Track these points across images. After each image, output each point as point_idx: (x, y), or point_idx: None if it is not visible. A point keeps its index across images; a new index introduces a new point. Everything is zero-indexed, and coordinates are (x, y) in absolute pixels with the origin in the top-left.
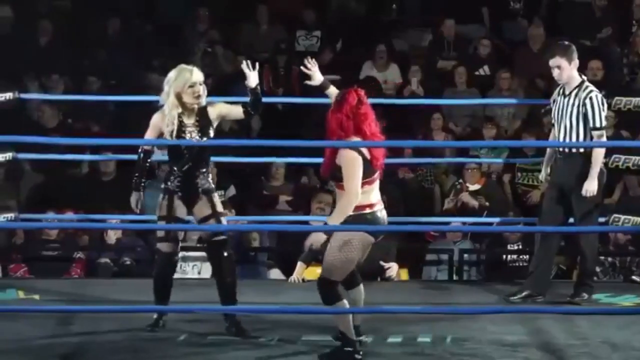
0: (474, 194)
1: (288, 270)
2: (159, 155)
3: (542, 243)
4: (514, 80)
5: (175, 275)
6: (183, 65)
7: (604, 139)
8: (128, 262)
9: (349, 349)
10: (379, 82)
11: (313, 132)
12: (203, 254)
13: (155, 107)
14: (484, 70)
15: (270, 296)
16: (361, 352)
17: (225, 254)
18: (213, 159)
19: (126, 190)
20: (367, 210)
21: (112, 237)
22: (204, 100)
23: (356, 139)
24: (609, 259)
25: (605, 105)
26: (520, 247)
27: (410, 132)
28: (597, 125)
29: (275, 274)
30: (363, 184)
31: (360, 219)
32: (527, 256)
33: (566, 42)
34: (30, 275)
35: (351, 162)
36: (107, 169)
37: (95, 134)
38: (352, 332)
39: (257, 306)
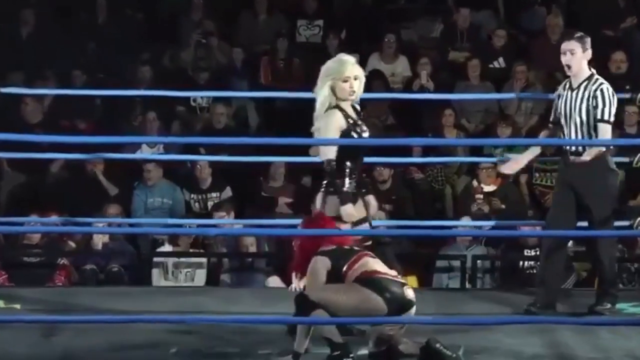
0: (489, 195)
1: (288, 278)
2: (147, 154)
3: (546, 250)
4: (531, 73)
5: (167, 283)
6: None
7: (609, 134)
8: (115, 269)
9: (337, 352)
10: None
11: None
12: (196, 259)
13: (140, 102)
14: (499, 62)
15: (269, 305)
16: (351, 355)
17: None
18: (207, 157)
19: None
20: None
21: (98, 242)
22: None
23: None
24: (635, 264)
25: (616, 99)
26: (538, 252)
27: (420, 129)
28: (605, 117)
29: (274, 281)
30: None
31: None
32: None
33: (580, 32)
34: (10, 283)
35: None
36: (94, 169)
37: (81, 131)
38: (337, 335)
39: (254, 316)
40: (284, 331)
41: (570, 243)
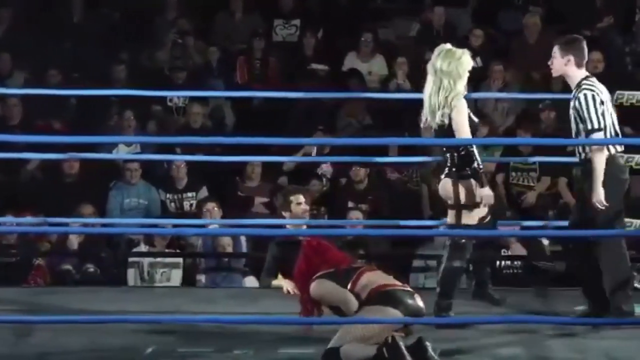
0: None
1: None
2: (123, 154)
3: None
4: (508, 72)
5: (143, 283)
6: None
7: None
8: (91, 269)
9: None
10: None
11: (291, 128)
12: (172, 259)
13: (116, 101)
14: (476, 62)
15: (245, 306)
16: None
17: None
18: (183, 157)
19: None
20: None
21: (73, 242)
22: None
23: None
24: None
25: (598, 101)
26: (515, 253)
27: (396, 129)
28: (592, 126)
29: (251, 281)
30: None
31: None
32: (519, 262)
33: (575, 36)
34: None
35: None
36: (70, 169)
37: (57, 130)
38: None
39: (230, 316)
40: (260, 331)
41: None
